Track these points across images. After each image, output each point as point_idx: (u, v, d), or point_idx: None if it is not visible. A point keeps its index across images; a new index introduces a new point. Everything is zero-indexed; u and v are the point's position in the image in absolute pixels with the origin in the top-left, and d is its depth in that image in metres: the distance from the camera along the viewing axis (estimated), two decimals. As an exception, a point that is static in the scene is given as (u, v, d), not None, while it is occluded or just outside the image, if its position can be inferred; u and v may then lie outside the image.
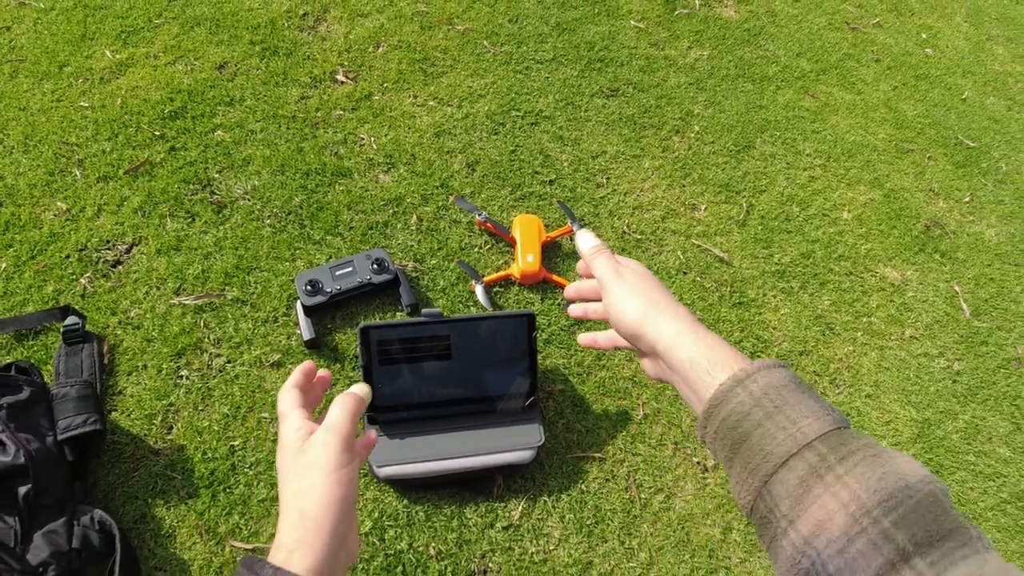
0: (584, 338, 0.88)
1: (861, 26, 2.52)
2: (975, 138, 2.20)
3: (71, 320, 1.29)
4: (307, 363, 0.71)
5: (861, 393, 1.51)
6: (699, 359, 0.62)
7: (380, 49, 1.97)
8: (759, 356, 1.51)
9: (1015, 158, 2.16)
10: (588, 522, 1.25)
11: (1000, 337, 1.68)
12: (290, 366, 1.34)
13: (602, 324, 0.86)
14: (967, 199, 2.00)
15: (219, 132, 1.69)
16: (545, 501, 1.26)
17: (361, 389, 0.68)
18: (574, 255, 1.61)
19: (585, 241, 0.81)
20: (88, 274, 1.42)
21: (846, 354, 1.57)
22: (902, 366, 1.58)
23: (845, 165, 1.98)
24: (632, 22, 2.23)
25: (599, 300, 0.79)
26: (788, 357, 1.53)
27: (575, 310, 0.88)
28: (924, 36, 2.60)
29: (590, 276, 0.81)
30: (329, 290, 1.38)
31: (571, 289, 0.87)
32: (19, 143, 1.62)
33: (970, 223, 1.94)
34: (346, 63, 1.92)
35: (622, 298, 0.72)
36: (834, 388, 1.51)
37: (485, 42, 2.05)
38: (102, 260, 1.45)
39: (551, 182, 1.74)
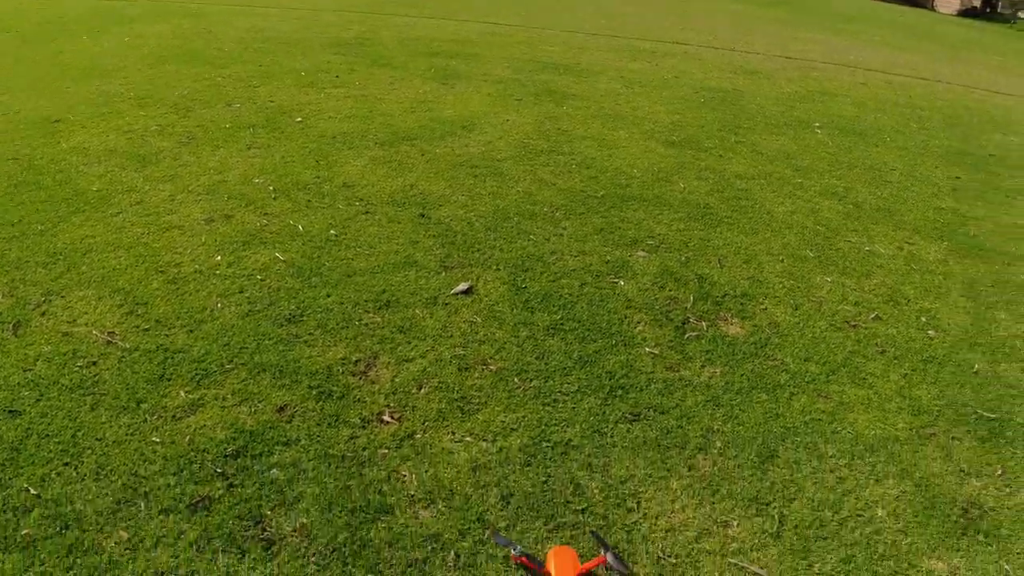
0: None
1: (861, 322, 2.73)
2: (994, 409, 2.25)
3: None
4: None
5: None
6: None
7: (422, 390, 2.20)
8: None
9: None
10: None
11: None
12: None
13: None
14: (999, 472, 2.00)
15: (275, 470, 1.85)
16: None
17: None
18: (610, 586, 1.62)
19: None
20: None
21: None
22: None
23: (870, 461, 2.02)
24: (647, 349, 2.48)
25: None
26: None
27: None
28: (924, 319, 2.78)
29: None
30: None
31: None
32: (91, 471, 1.78)
33: (1007, 496, 1.92)
34: (392, 404, 2.13)
35: None
36: None
37: (516, 379, 2.28)
38: (154, 596, 1.51)
39: (583, 510, 1.81)
